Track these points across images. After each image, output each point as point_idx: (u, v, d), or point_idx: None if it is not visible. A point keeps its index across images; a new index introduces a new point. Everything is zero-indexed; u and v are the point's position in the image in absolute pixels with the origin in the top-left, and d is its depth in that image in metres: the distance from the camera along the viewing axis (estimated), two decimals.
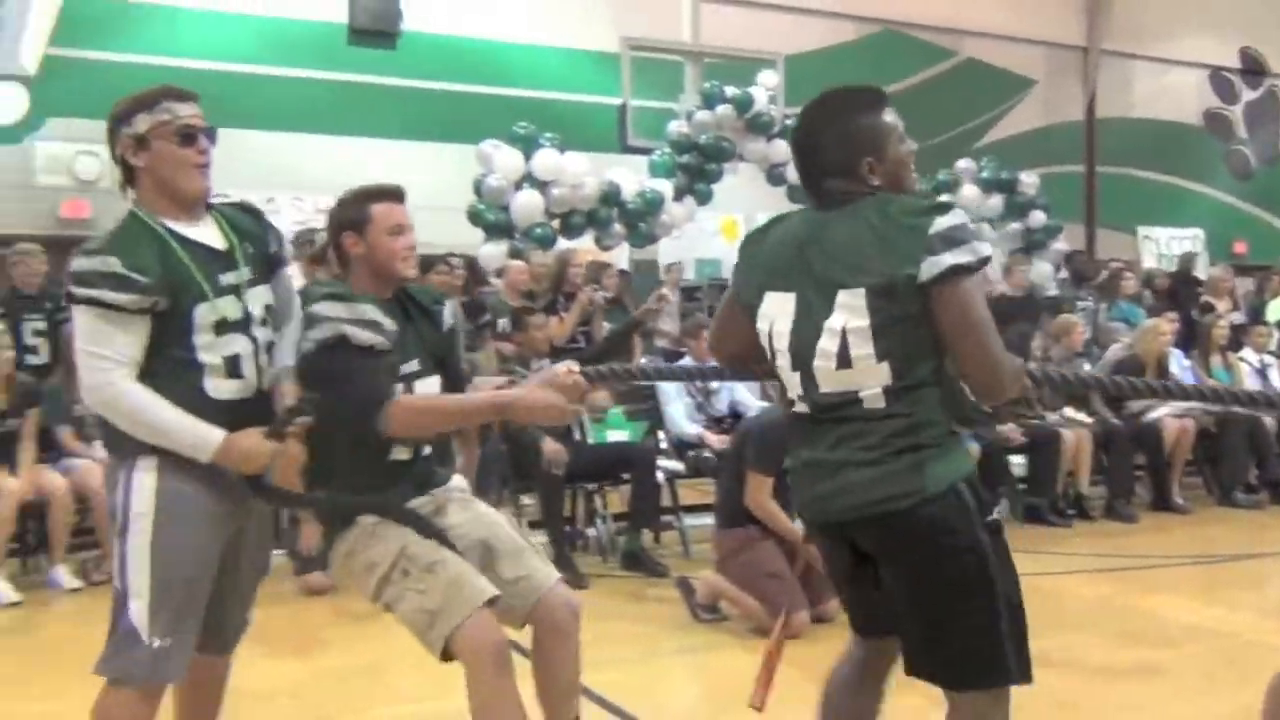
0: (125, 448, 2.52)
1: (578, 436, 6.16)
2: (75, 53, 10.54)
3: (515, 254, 8.51)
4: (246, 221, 2.72)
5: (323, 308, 2.75)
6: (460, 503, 2.95)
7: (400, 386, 2.76)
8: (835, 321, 2.18)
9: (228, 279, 2.58)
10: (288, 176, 10.90)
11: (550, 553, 5.72)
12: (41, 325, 6.32)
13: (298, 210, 10.48)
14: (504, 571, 2.81)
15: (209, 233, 2.61)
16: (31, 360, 6.12)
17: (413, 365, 2.84)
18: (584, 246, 9.25)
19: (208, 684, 2.81)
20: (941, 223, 2.11)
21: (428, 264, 7.15)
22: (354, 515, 2.80)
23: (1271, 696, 2.58)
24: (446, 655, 2.65)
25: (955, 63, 15.43)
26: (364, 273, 2.86)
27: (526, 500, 6.15)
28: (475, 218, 8.98)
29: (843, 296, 2.17)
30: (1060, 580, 5.65)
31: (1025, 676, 2.23)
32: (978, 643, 2.20)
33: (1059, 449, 6.84)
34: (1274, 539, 6.66)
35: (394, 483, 2.80)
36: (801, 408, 2.28)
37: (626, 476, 5.97)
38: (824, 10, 14.26)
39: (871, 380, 2.16)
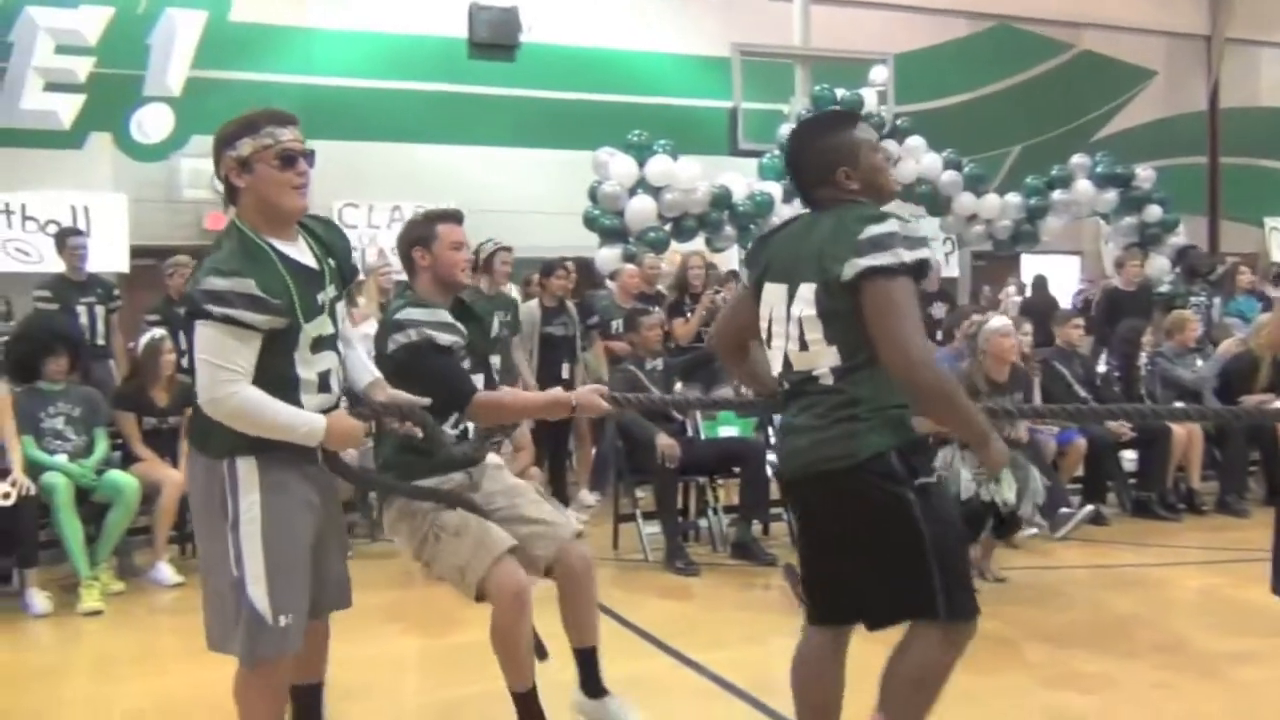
0: (222, 448, 2.69)
1: (690, 433, 6.42)
2: (217, 73, 11.20)
3: (629, 257, 8.80)
4: (328, 236, 2.88)
5: (407, 314, 3.26)
6: (493, 476, 3.46)
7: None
8: (795, 309, 2.56)
9: (321, 298, 2.75)
10: (412, 185, 11.39)
11: (664, 542, 6.02)
12: None
13: None
14: (527, 530, 3.33)
15: (303, 251, 2.76)
16: (187, 363, 6.62)
17: (466, 364, 3.34)
18: (696, 249, 9.49)
19: (316, 642, 3.09)
20: (871, 230, 2.46)
21: (548, 268, 7.52)
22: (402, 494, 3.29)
23: None
24: (480, 597, 3.21)
25: (1072, 55, 15.22)
26: (428, 281, 3.38)
27: (641, 493, 6.44)
28: (591, 223, 9.30)
29: (802, 289, 2.55)
30: (1167, 571, 5.72)
31: (956, 615, 2.55)
32: (907, 583, 2.54)
33: (1169, 444, 6.84)
34: None
35: (442, 459, 3.24)
36: (784, 384, 2.67)
37: (737, 470, 6.20)
38: (935, 7, 14.23)
39: (824, 361, 2.54)
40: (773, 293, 2.68)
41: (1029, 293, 11.41)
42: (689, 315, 7.74)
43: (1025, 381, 5.85)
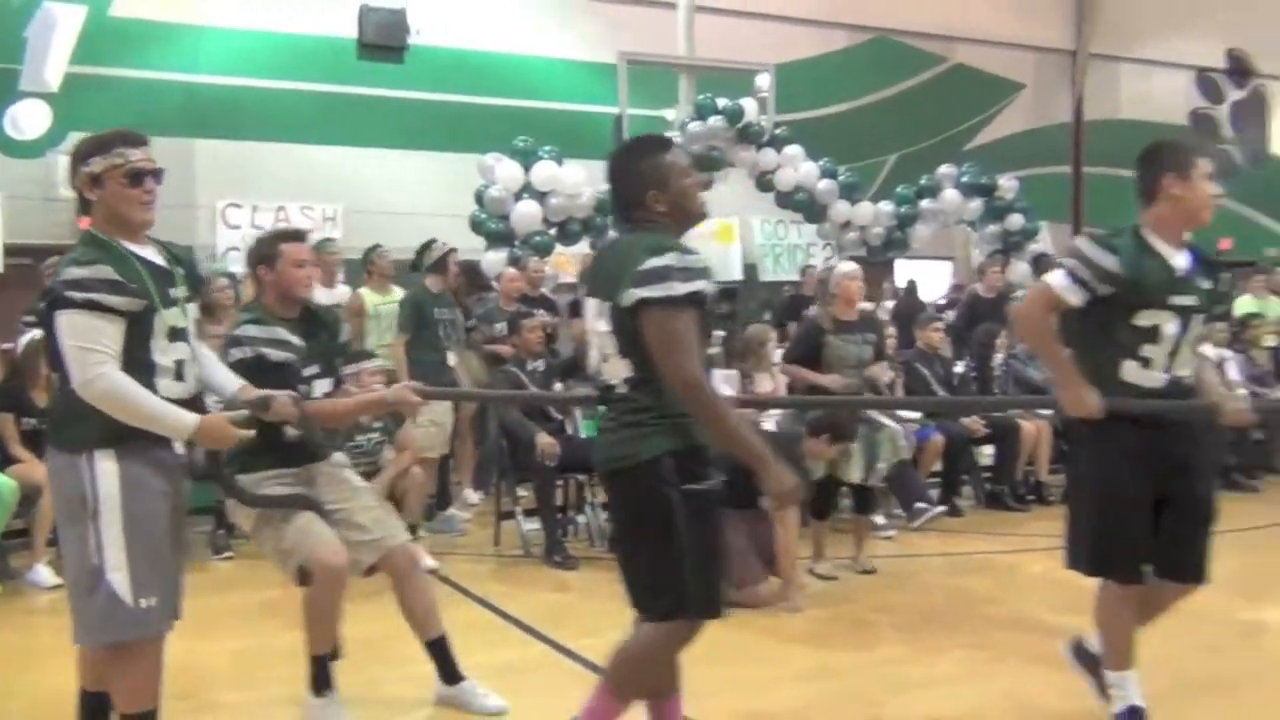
0: (80, 441, 2.84)
1: (570, 431, 6.64)
2: (96, 70, 10.99)
3: (514, 261, 8.97)
4: (178, 252, 3.13)
5: (245, 330, 3.60)
6: (329, 475, 3.75)
7: (305, 389, 3.61)
8: (600, 325, 2.81)
9: (173, 293, 2.98)
10: (298, 186, 11.34)
11: (544, 537, 6.22)
12: None
13: (306, 219, 10.93)
14: (354, 535, 3.66)
15: (153, 255, 2.99)
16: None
17: (314, 369, 3.68)
18: (582, 252, 9.69)
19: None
20: (650, 263, 2.67)
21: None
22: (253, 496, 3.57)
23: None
24: (302, 582, 3.55)
25: (946, 68, 15.75)
26: (273, 296, 3.73)
27: (522, 491, 6.63)
28: (477, 227, 9.45)
29: (604, 307, 2.79)
30: (1013, 557, 6.15)
31: (699, 615, 2.79)
32: (661, 580, 2.75)
33: (1018, 439, 7.31)
34: (1225, 520, 7.09)
35: (280, 455, 3.60)
36: (598, 390, 2.93)
37: None
38: (816, 19, 14.62)
39: (621, 372, 2.77)
40: (591, 307, 2.92)
41: (901, 297, 11.86)
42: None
43: (875, 325, 6.21)
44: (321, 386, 3.74)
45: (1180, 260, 3.35)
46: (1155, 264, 3.31)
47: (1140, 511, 3.27)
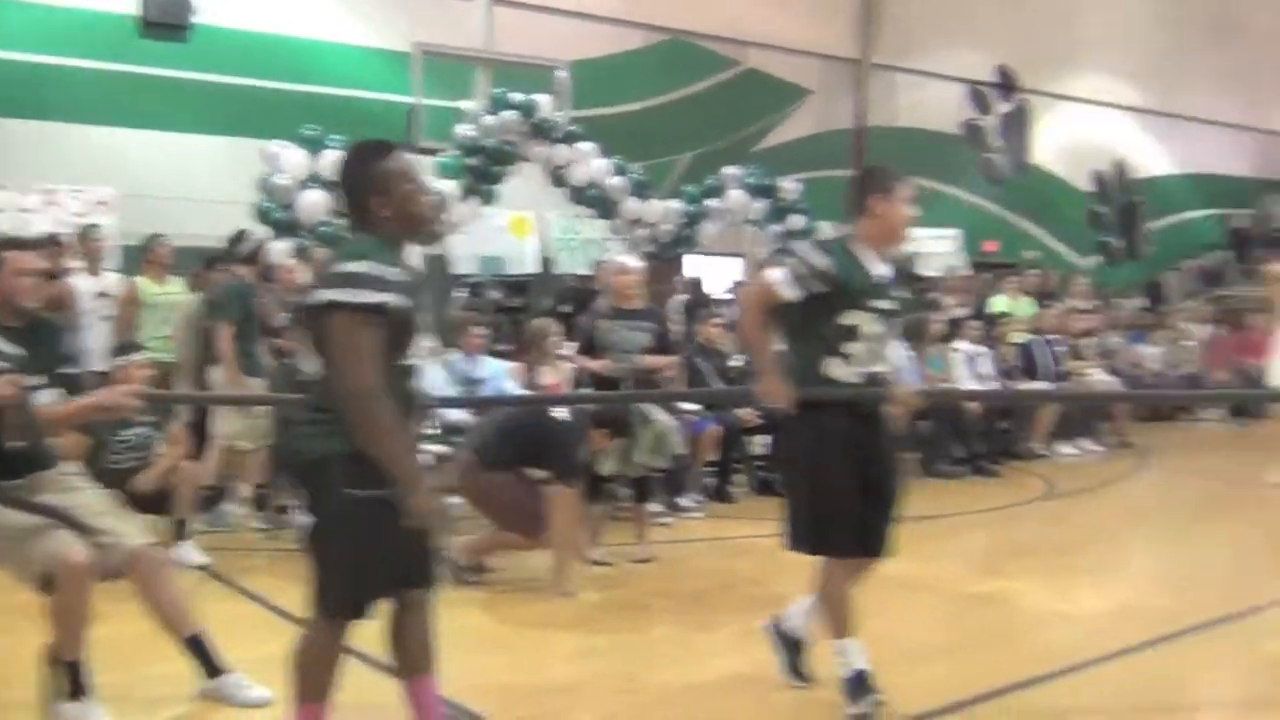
0: None
1: None
2: None
3: (300, 252, 8.82)
4: None
5: None
6: (57, 482, 3.73)
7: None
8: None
9: None
10: (70, 168, 10.79)
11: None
12: None
13: (77, 202, 10.43)
14: (93, 539, 3.61)
15: None
16: None
17: (37, 380, 3.58)
18: None
19: None
20: (343, 267, 2.76)
21: (212, 259, 7.49)
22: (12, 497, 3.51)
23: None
24: (45, 589, 3.49)
25: (738, 72, 16.22)
26: None
27: None
28: (262, 215, 9.25)
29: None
30: (775, 540, 6.45)
31: (339, 615, 2.91)
32: (322, 577, 2.89)
33: None
34: (969, 502, 7.75)
35: (3, 465, 3.53)
36: None
37: None
38: (614, 18, 14.83)
39: (313, 369, 2.86)
40: None
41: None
42: None
43: (656, 315, 6.56)
44: (46, 397, 3.63)
45: (881, 269, 3.72)
46: (859, 270, 3.65)
47: (849, 491, 3.59)
